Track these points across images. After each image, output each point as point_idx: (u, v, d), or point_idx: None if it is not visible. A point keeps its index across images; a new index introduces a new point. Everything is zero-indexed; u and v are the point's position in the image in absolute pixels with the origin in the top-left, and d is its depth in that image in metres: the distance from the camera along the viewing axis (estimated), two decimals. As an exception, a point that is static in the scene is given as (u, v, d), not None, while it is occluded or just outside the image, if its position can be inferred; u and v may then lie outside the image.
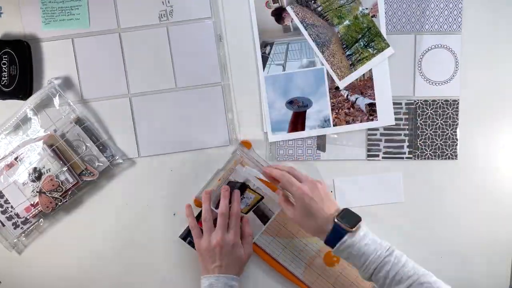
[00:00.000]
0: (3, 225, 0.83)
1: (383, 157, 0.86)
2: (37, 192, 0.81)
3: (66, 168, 0.82)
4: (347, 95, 0.86)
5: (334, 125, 0.86)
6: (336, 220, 0.70)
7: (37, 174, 0.82)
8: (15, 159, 0.82)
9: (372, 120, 0.86)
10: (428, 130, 0.86)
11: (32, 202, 0.82)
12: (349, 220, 0.70)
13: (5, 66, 0.82)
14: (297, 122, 0.86)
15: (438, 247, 0.86)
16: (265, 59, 0.85)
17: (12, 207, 0.83)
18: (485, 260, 0.87)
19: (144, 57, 0.85)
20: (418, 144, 0.86)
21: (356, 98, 0.86)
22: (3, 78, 0.82)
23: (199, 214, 0.82)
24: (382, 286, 0.68)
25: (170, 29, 0.85)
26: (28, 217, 0.83)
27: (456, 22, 0.85)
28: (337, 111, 0.86)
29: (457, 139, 0.86)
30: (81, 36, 0.85)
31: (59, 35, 0.85)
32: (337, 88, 0.86)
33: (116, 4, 0.84)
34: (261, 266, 0.86)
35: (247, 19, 0.85)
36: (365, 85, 0.85)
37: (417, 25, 0.85)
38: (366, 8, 0.84)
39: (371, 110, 0.86)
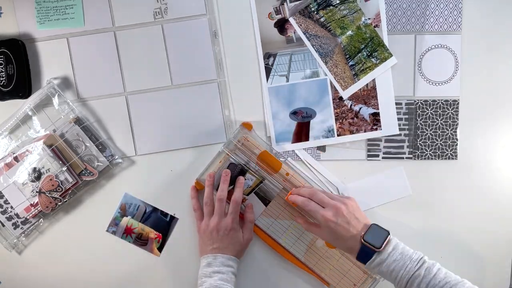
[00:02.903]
0: (3, 225, 0.84)
1: (383, 157, 0.86)
2: (36, 192, 0.81)
3: (66, 168, 0.82)
4: (351, 105, 0.86)
5: (338, 135, 0.86)
6: (363, 241, 0.70)
7: (37, 174, 0.82)
8: (15, 159, 0.82)
9: (376, 129, 0.86)
10: (428, 130, 0.86)
11: (32, 202, 0.82)
12: (376, 238, 0.70)
13: (1, 66, 0.82)
14: (301, 133, 0.86)
15: (437, 247, 0.86)
16: (268, 70, 0.85)
17: (12, 207, 0.83)
18: (485, 260, 0.87)
19: (139, 55, 0.85)
20: (418, 144, 0.86)
21: (360, 108, 0.86)
22: (1, 78, 0.82)
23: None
24: None
25: (165, 26, 0.85)
26: (28, 217, 0.83)
27: (456, 22, 0.85)
28: (341, 121, 0.86)
29: (457, 139, 0.86)
30: (76, 35, 0.85)
31: (54, 34, 0.85)
32: (340, 98, 0.86)
33: (110, 2, 0.84)
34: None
35: (243, 16, 0.85)
36: (368, 95, 0.85)
37: (417, 25, 0.85)
38: (369, 18, 0.84)
39: (375, 119, 0.86)
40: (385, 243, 0.69)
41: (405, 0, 0.84)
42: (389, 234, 0.70)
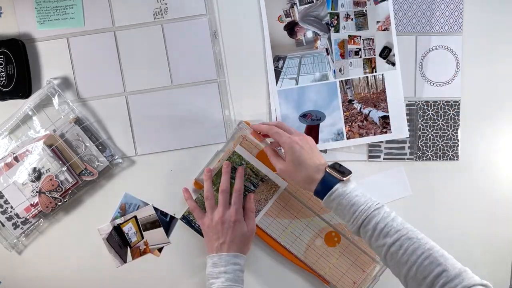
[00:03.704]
0: (3, 225, 0.84)
1: (384, 158, 0.86)
2: (36, 192, 0.81)
3: (66, 168, 0.82)
4: (360, 108, 0.85)
5: (347, 138, 0.86)
6: (327, 169, 0.70)
7: (37, 174, 0.82)
8: (15, 159, 0.82)
9: (385, 132, 0.85)
10: (429, 131, 0.86)
11: (32, 202, 0.82)
12: (340, 170, 0.70)
13: (1, 66, 0.82)
14: (310, 136, 0.85)
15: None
16: (277, 73, 0.85)
17: (12, 207, 0.83)
18: (485, 260, 0.87)
19: (139, 55, 0.85)
20: (419, 145, 0.86)
21: (369, 111, 0.85)
22: (1, 78, 0.82)
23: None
24: (370, 238, 0.66)
25: (165, 26, 0.84)
26: (28, 217, 0.83)
27: (457, 23, 0.84)
28: (350, 124, 0.86)
29: (458, 140, 0.86)
30: (76, 35, 0.85)
31: (54, 34, 0.85)
32: (350, 101, 0.85)
33: (110, 2, 0.84)
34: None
35: (244, 16, 0.85)
36: (378, 98, 0.85)
37: (418, 26, 0.85)
38: (378, 22, 0.83)
39: (385, 123, 0.85)
40: (349, 176, 0.69)
41: (407, 1, 0.84)
42: (351, 173, 0.70)
